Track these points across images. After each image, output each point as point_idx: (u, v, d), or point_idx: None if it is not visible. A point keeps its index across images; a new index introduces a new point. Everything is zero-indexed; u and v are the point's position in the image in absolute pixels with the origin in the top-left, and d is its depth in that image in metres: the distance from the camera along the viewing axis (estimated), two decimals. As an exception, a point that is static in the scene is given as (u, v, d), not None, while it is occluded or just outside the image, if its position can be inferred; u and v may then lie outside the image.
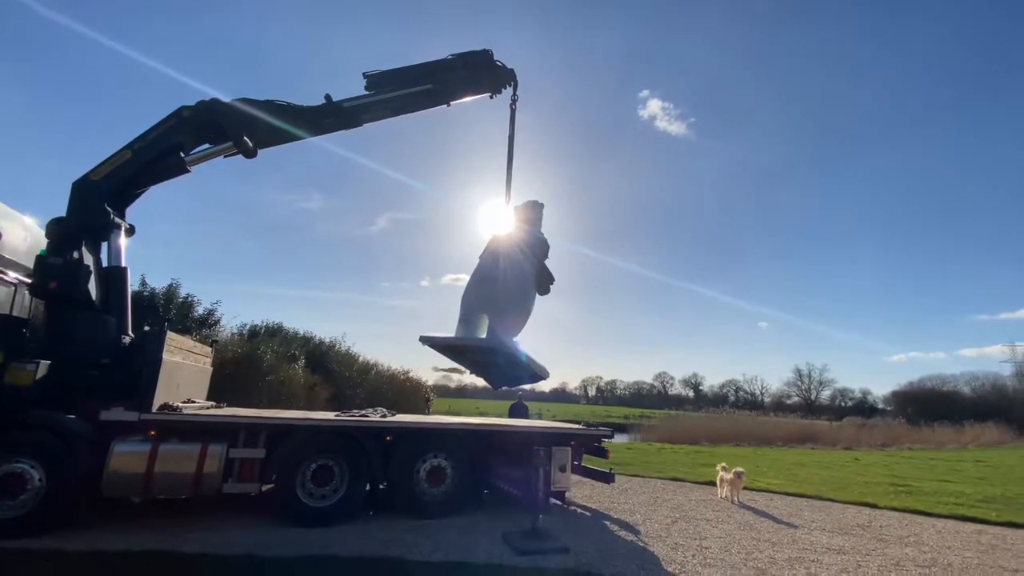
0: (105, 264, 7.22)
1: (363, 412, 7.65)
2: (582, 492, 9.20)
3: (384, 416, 7.49)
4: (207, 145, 8.24)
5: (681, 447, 20.97)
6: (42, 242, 6.90)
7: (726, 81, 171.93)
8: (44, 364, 5.81)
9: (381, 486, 7.02)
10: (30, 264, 6.59)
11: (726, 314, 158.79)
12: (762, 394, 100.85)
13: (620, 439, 27.90)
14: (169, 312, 11.91)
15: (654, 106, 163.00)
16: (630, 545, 6.10)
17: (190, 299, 12.78)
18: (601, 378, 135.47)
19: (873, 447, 27.06)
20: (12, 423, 5.39)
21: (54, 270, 6.49)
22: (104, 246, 7.26)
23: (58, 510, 5.36)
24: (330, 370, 14.81)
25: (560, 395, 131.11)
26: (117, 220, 7.36)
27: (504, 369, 8.02)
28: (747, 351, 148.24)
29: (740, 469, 9.20)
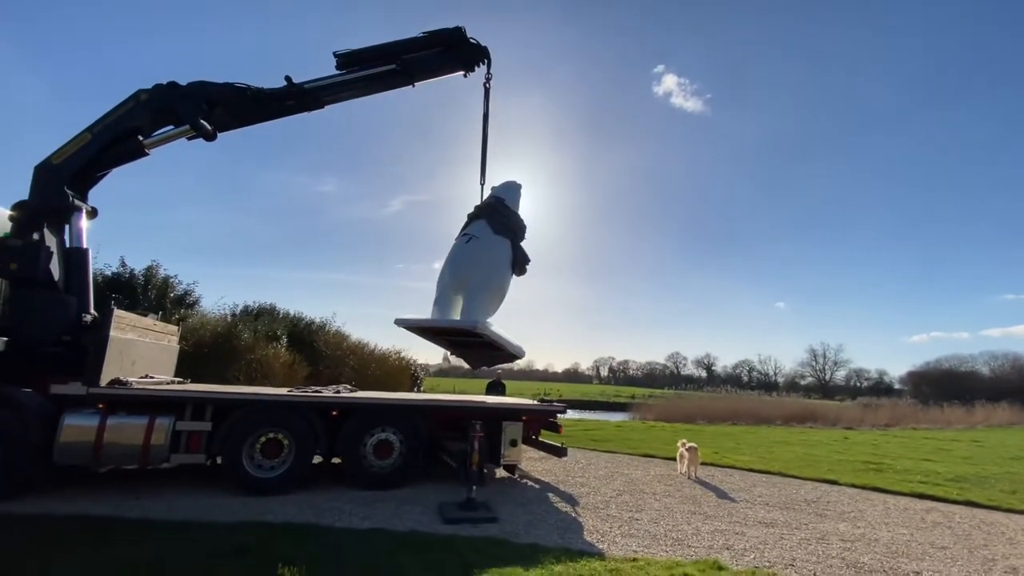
0: (69, 246, 7.50)
1: (316, 388, 7.87)
2: (541, 466, 9.38)
3: (338, 392, 7.70)
4: (169, 128, 8.39)
5: (674, 426, 21.04)
6: (7, 226, 7.16)
7: (745, 54, 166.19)
8: (0, 340, 6.11)
9: (334, 460, 7.29)
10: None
11: (742, 294, 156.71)
12: (775, 374, 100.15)
13: (617, 417, 28.11)
14: (148, 292, 12.34)
15: (669, 82, 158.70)
16: (563, 516, 6.25)
17: (168, 280, 13.21)
18: (613, 358, 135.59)
19: (876, 427, 26.84)
20: (-34, 396, 5.71)
21: (15, 252, 6.74)
22: (67, 228, 7.52)
23: (12, 477, 5.68)
24: (316, 349, 15.22)
25: (572, 376, 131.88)
26: (78, 202, 7.56)
27: (479, 350, 8.11)
28: (763, 332, 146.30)
29: (694, 445, 9.28)
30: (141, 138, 8.00)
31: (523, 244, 8.79)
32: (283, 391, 7.49)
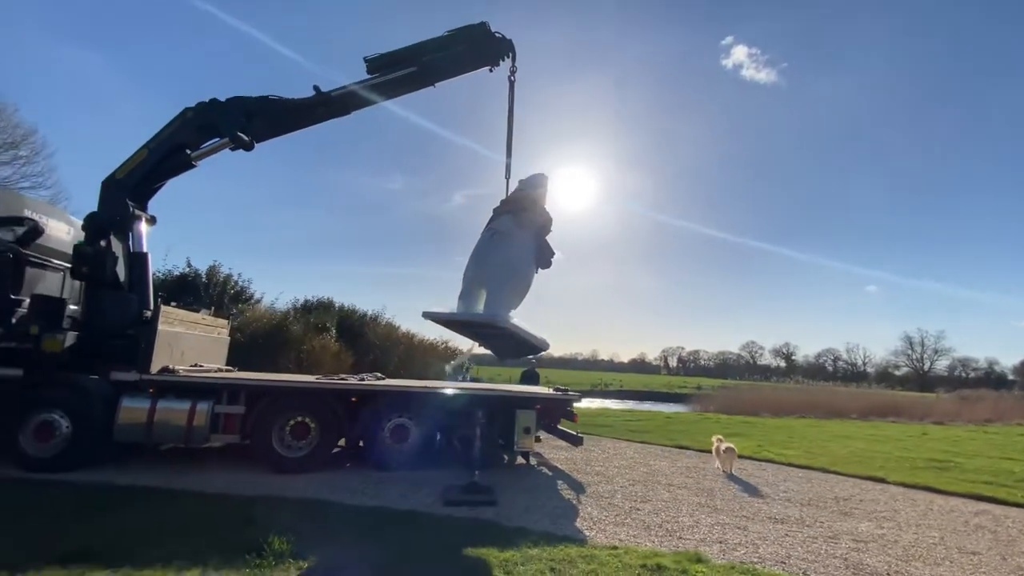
0: (132, 250, 8.52)
1: (342, 376, 8.43)
2: (563, 455, 9.44)
3: (362, 380, 8.20)
4: (213, 140, 9.21)
5: (730, 418, 20.18)
6: (82, 235, 8.26)
7: (822, 16, 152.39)
8: (71, 334, 7.12)
9: (360, 443, 7.82)
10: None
11: (827, 278, 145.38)
12: (864, 364, 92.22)
13: (673, 409, 27.30)
14: (209, 290, 13.71)
15: (740, 53, 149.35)
16: (563, 503, 6.32)
17: (227, 278, 14.59)
18: (683, 348, 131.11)
19: (973, 423, 24.16)
20: (45, 382, 6.72)
21: (87, 257, 7.76)
22: (130, 235, 8.54)
23: (81, 452, 6.62)
24: (366, 340, 16.13)
25: (639, 366, 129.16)
26: (138, 212, 8.56)
27: (504, 342, 8.33)
28: (851, 318, 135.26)
29: (731, 446, 8.83)
30: (189, 152, 8.86)
31: (549, 237, 8.83)
32: (310, 378, 8.10)
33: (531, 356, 15.09)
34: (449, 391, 8.03)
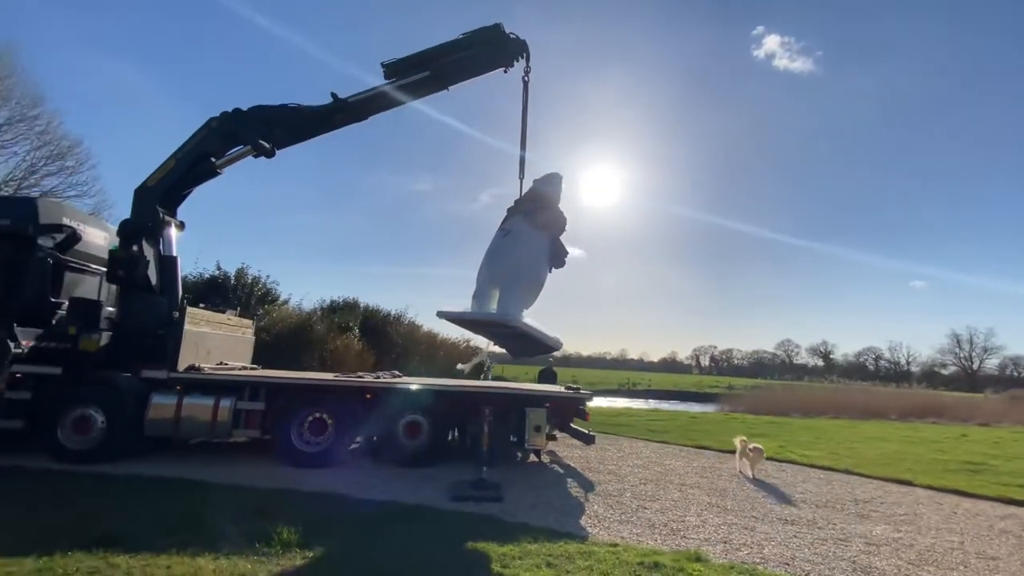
0: (162, 255, 8.96)
1: (360, 374, 8.67)
2: (579, 453, 9.45)
3: (378, 377, 8.42)
4: (237, 148, 9.59)
5: (757, 418, 19.74)
6: (117, 240, 8.75)
7: (859, 2, 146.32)
8: (106, 334, 7.56)
9: (374, 438, 8.03)
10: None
11: (868, 274, 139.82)
12: (908, 363, 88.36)
13: (700, 408, 26.82)
14: (237, 292, 14.29)
15: (772, 43, 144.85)
16: (570, 500, 6.36)
17: (254, 280, 15.20)
18: (715, 347, 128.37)
19: (1022, 423, 22.90)
20: (82, 379, 7.16)
21: (120, 262, 8.21)
22: (160, 240, 8.98)
23: (115, 445, 7.04)
24: (389, 338, 16.51)
25: (669, 365, 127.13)
26: (168, 218, 9.00)
27: (517, 341, 8.41)
28: (895, 315, 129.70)
29: (758, 446, 8.49)
30: (214, 160, 9.24)
31: (564, 236, 8.83)
32: (328, 376, 8.37)
33: (549, 355, 15.16)
34: (461, 389, 8.16)
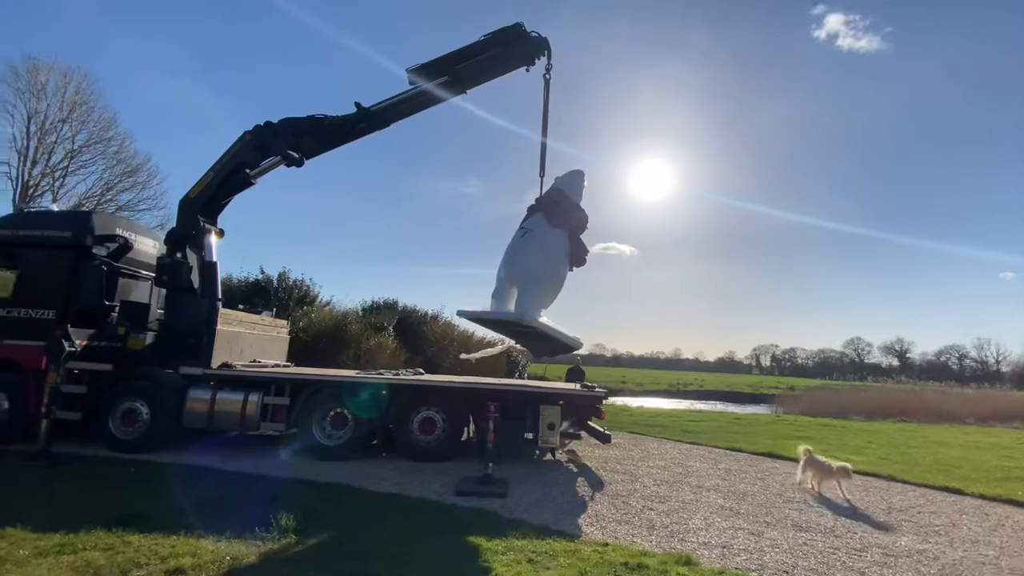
0: (203, 261, 9.65)
1: (380, 371, 8.97)
2: (600, 452, 9.33)
3: (397, 374, 8.69)
4: (269, 159, 10.16)
5: (809, 420, 18.63)
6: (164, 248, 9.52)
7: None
8: (151, 334, 8.25)
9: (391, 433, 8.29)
10: (155, 265, 9.22)
11: (950, 266, 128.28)
12: (998, 362, 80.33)
13: (751, 410, 25.64)
14: (279, 293, 15.16)
15: (834, 22, 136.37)
16: (574, 499, 6.31)
17: (294, 282, 16.07)
18: (777, 346, 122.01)
19: None
20: (130, 375, 7.86)
21: (166, 268, 8.95)
22: (202, 246, 9.67)
23: (158, 436, 7.67)
24: (424, 338, 16.92)
25: (727, 365, 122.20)
26: (208, 226, 9.67)
27: (536, 340, 8.44)
28: (982, 310, 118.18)
29: (845, 465, 7.00)
30: (248, 171, 9.86)
31: (583, 235, 8.71)
32: (350, 373, 8.72)
33: (576, 354, 15.03)
34: (475, 386, 8.27)
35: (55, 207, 9.02)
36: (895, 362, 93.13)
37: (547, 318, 8.15)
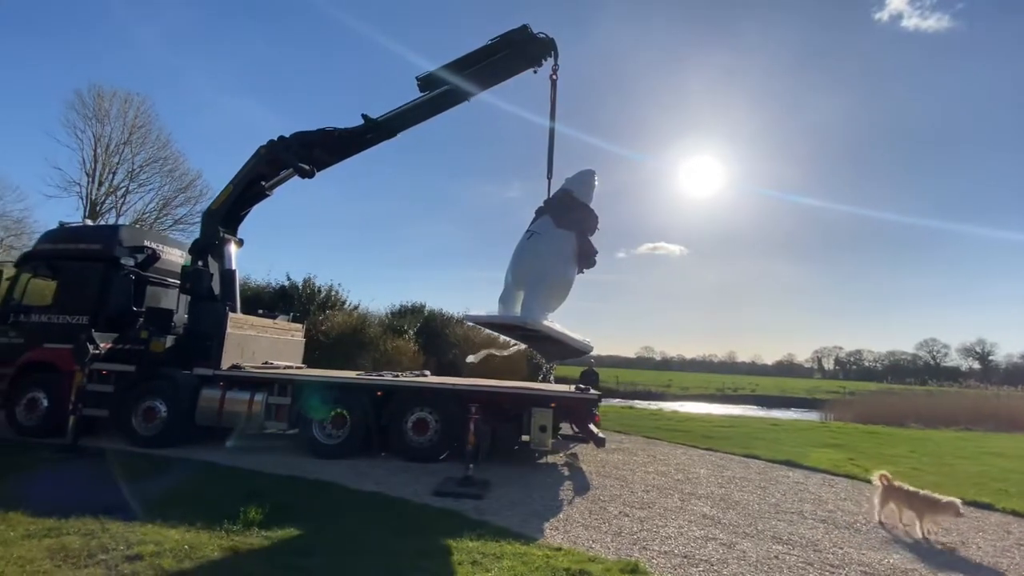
0: (224, 269, 10.28)
1: (380, 373, 9.21)
2: (602, 456, 9.14)
3: (396, 376, 8.89)
4: (285, 171, 10.68)
5: (851, 427, 17.42)
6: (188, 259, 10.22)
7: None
8: (171, 337, 8.86)
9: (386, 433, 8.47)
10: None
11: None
12: (1100, 366, 71.75)
13: (796, 415, 24.27)
14: (302, 299, 15.88)
15: (897, 1, 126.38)
16: (550, 503, 6.20)
17: (318, 288, 16.84)
18: (841, 348, 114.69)
19: None
20: (151, 375, 8.48)
21: (188, 276, 9.60)
22: (222, 255, 10.30)
23: (174, 432, 8.23)
24: (447, 341, 17.19)
25: (785, 368, 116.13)
26: (228, 236, 10.29)
27: (546, 344, 8.42)
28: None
29: (953, 500, 5.44)
30: (264, 183, 10.42)
31: (593, 236, 8.54)
32: (350, 374, 9.01)
33: (590, 357, 14.78)
34: (468, 388, 8.34)
35: (89, 222, 9.76)
36: (976, 365, 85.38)
37: (556, 322, 8.08)
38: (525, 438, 8.28)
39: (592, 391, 8.45)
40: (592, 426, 8.61)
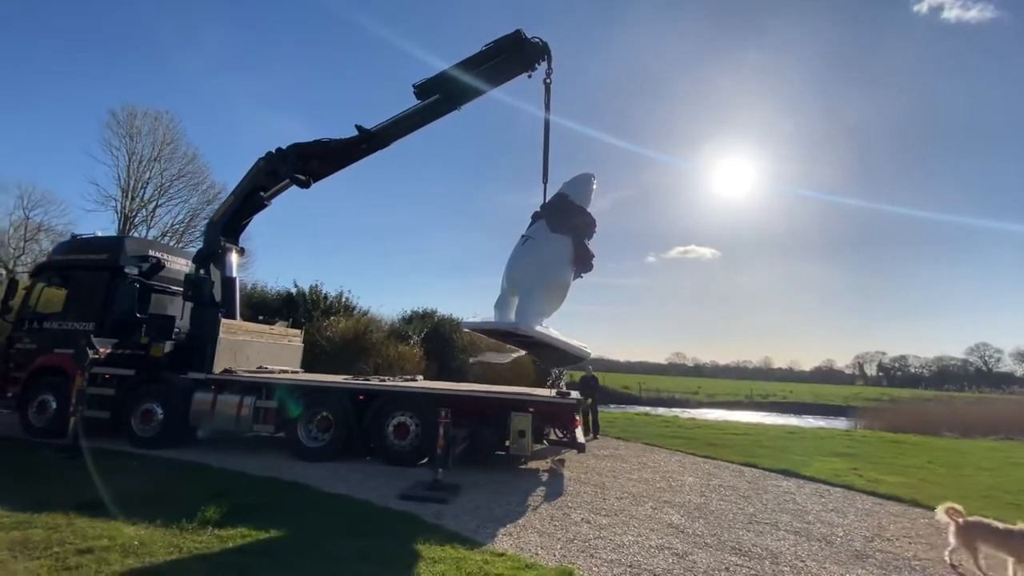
0: (224, 276, 10.66)
1: (366, 377, 9.35)
2: (591, 463, 9.00)
3: (383, 380, 9.02)
4: (283, 182, 11.00)
5: (872, 435, 16.59)
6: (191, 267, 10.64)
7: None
8: (170, 343, 9.24)
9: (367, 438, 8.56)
10: (182, 283, 10.34)
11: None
12: None
13: (822, 423, 23.27)
14: (307, 305, 16.28)
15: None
16: (513, 509, 6.11)
17: (323, 295, 17.23)
18: (884, 353, 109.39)
19: None
20: (149, 379, 8.86)
21: (191, 283, 10.02)
22: (224, 264, 10.69)
23: (170, 434, 8.56)
24: (454, 346, 17.29)
25: (824, 375, 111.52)
26: (229, 245, 10.68)
27: (543, 350, 8.40)
28: None
29: (987, 522, 4.81)
30: (262, 194, 10.78)
31: (589, 240, 8.46)
32: (337, 378, 9.18)
33: (587, 363, 14.59)
34: (447, 392, 8.37)
35: (99, 233, 10.30)
36: (1033, 371, 79.89)
37: (551, 328, 8.04)
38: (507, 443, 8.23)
39: (573, 395, 8.35)
40: (578, 431, 8.54)
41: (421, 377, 10.71)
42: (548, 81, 9.19)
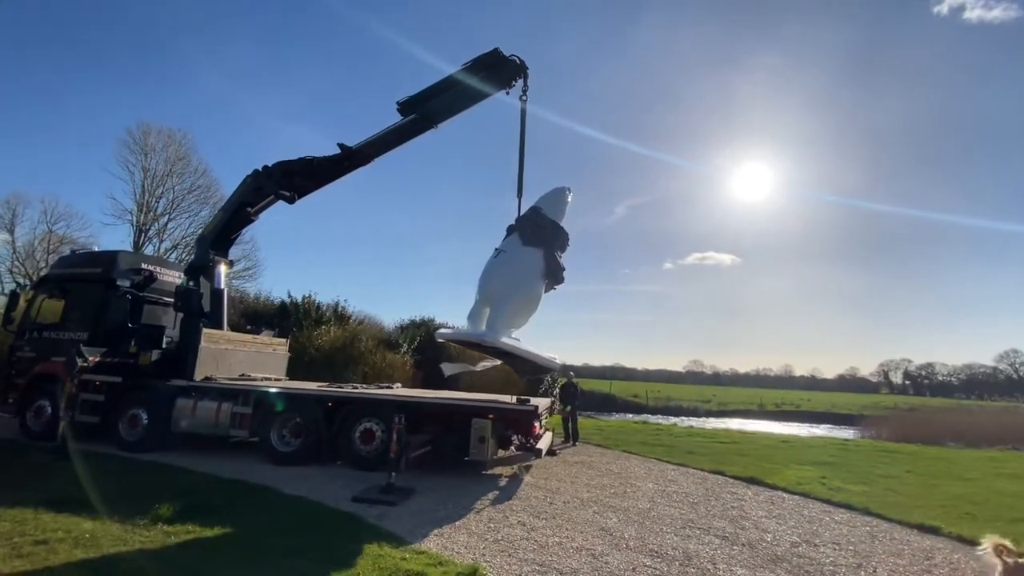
0: (213, 288, 11.19)
1: (340, 384, 9.72)
2: (560, 470, 9.19)
3: (355, 387, 9.37)
4: (269, 198, 11.49)
5: (868, 443, 16.32)
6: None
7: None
8: (157, 352, 9.77)
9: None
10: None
11: None
12: None
13: (826, 432, 22.86)
14: (299, 315, 16.84)
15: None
16: (459, 512, 6.34)
17: (315, 305, 17.80)
18: (910, 361, 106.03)
19: None
20: (135, 386, 9.38)
21: (181, 295, 10.57)
22: (213, 276, 11.23)
23: (155, 438, 9.03)
24: (445, 355, 17.63)
25: (848, 383, 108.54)
26: (218, 259, 11.21)
27: (517, 360, 8.67)
28: None
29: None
30: (249, 209, 11.31)
31: (562, 253, 8.70)
32: (311, 385, 9.57)
33: (569, 371, 14.76)
34: (412, 399, 8.67)
35: (96, 247, 10.98)
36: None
37: (520, 339, 8.29)
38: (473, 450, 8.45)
39: (532, 402, 8.56)
40: (547, 437, 8.73)
41: (399, 385, 11.05)
42: (524, 98, 9.49)
